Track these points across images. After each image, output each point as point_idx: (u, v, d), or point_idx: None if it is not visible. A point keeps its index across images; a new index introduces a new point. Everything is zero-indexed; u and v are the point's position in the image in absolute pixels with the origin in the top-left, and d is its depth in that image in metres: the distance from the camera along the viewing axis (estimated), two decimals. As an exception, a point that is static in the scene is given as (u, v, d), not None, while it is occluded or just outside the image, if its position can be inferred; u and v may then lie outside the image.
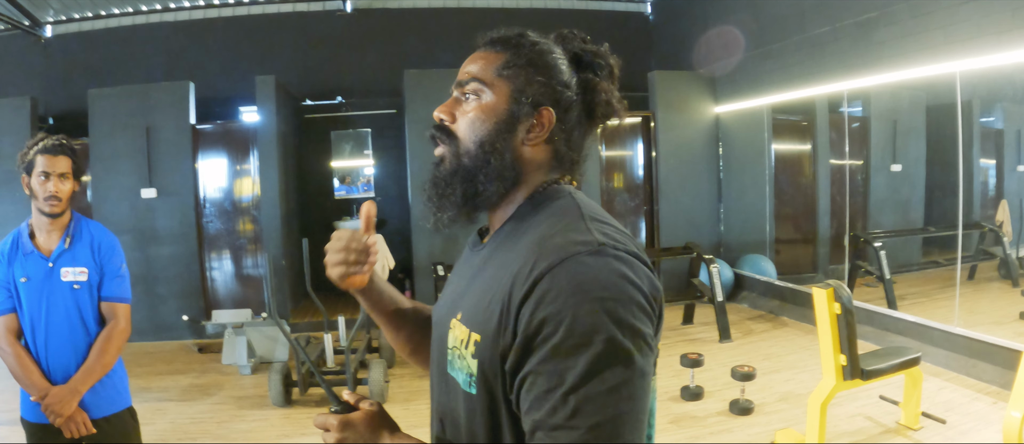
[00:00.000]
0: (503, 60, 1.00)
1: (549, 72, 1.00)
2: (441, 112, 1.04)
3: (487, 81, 1.00)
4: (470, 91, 1.01)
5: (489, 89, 1.00)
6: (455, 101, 1.04)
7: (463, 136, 1.01)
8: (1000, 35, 4.33)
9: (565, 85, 1.00)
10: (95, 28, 8.06)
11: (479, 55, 1.03)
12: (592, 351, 0.79)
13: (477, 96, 1.01)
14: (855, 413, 3.99)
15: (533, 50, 1.00)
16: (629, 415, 0.80)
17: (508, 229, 1.00)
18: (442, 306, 1.07)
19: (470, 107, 1.01)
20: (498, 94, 0.99)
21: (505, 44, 1.02)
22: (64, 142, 2.28)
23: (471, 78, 1.01)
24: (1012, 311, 5.46)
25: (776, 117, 7.27)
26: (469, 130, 1.00)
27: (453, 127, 1.02)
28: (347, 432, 0.95)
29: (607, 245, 0.86)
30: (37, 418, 2.25)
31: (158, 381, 5.29)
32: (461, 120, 1.01)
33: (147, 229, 6.55)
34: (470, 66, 1.03)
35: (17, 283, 2.25)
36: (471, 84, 1.01)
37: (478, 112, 1.00)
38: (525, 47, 1.00)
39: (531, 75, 0.99)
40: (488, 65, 1.01)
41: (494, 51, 1.02)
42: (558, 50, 1.02)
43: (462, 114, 1.01)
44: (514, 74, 0.99)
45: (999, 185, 6.50)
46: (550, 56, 1.01)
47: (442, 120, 1.04)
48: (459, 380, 0.94)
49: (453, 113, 1.03)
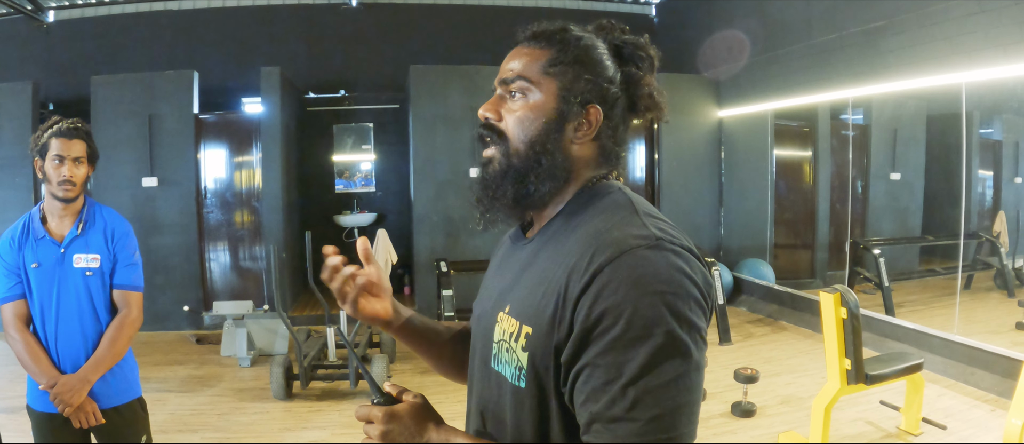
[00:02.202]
0: (549, 57, 0.98)
1: (595, 69, 0.98)
2: (487, 110, 1.02)
3: (533, 79, 0.98)
4: (516, 89, 0.99)
5: (536, 87, 0.98)
6: (500, 98, 1.02)
7: (512, 135, 0.99)
8: (1006, 47, 4.36)
9: (610, 81, 0.99)
10: (98, 14, 8.00)
11: (522, 51, 1.01)
12: (652, 344, 0.79)
13: (524, 94, 0.99)
14: (857, 417, 4.01)
15: (579, 46, 0.99)
16: (686, 407, 0.81)
17: (558, 224, 0.99)
18: (486, 300, 1.07)
19: (517, 106, 0.99)
20: (546, 92, 0.98)
21: (549, 40, 1.00)
22: (79, 126, 2.25)
23: (517, 76, 0.99)
24: (1008, 321, 5.49)
25: (778, 123, 7.29)
26: (518, 129, 0.99)
27: (501, 125, 1.01)
28: (393, 424, 0.93)
29: (664, 240, 0.86)
30: (44, 407, 2.21)
31: (157, 371, 5.28)
32: (508, 118, 1.00)
33: (147, 218, 6.52)
34: (513, 63, 1.01)
35: (28, 269, 2.22)
36: (517, 82, 0.99)
37: (526, 111, 0.98)
38: (571, 43, 0.99)
39: (578, 72, 0.98)
40: (533, 62, 0.99)
41: (538, 47, 1.00)
42: (601, 44, 1.01)
43: (509, 112, 1.00)
44: (561, 72, 0.98)
45: (997, 196, 6.54)
46: (595, 52, 0.99)
47: (489, 119, 1.02)
48: (506, 374, 0.94)
49: (499, 111, 1.01)
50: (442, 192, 6.99)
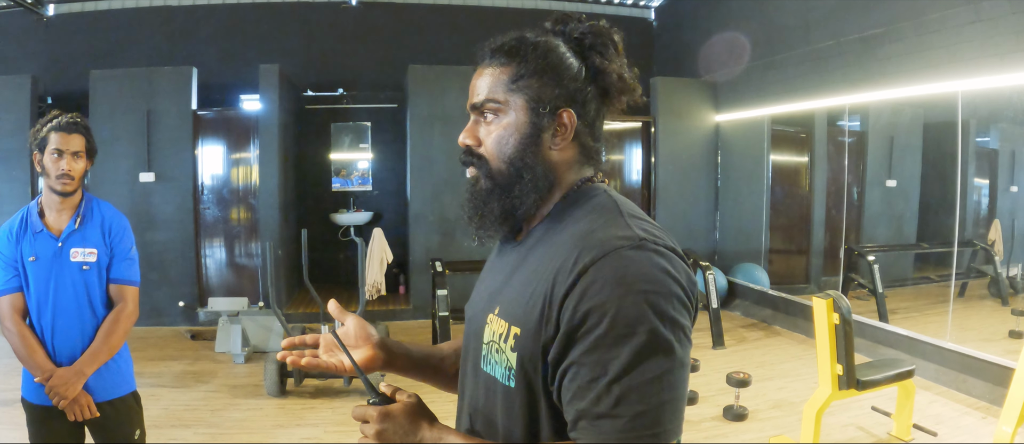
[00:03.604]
0: (511, 73, 0.99)
1: (559, 72, 0.99)
2: (466, 138, 1.03)
3: (501, 99, 0.99)
4: (488, 111, 1.01)
5: (505, 106, 0.99)
6: (475, 123, 1.03)
7: (492, 157, 1.01)
8: (1003, 57, 4.38)
9: (576, 79, 0.99)
10: (98, 8, 7.99)
11: (485, 71, 1.02)
12: (635, 342, 0.81)
13: (496, 115, 1.00)
14: (848, 423, 4.03)
15: (538, 54, 0.99)
16: (670, 404, 0.82)
17: (545, 226, 1.01)
18: (476, 303, 1.08)
19: (492, 128, 1.01)
20: (516, 109, 0.99)
21: (509, 54, 1.00)
22: (78, 120, 2.26)
23: (485, 99, 1.00)
24: (1002, 329, 5.51)
25: (775, 128, 7.31)
26: (496, 149, 1.00)
27: (481, 150, 1.02)
28: (387, 423, 0.95)
29: (648, 240, 0.88)
30: (39, 400, 2.23)
31: (151, 367, 5.28)
32: (487, 141, 1.01)
33: (144, 213, 6.53)
34: (479, 85, 1.02)
35: (25, 262, 2.23)
36: (487, 105, 1.00)
37: (500, 131, 1.00)
38: (529, 53, 0.99)
39: (543, 81, 0.98)
40: (497, 81, 1.00)
41: (499, 64, 1.01)
42: (561, 44, 1.01)
43: (486, 135, 1.01)
44: (526, 85, 0.98)
45: (992, 204, 6.56)
46: (555, 55, 0.99)
47: (468, 146, 1.03)
48: (496, 374, 0.96)
49: (477, 136, 1.03)
50: (438, 192, 7.01)
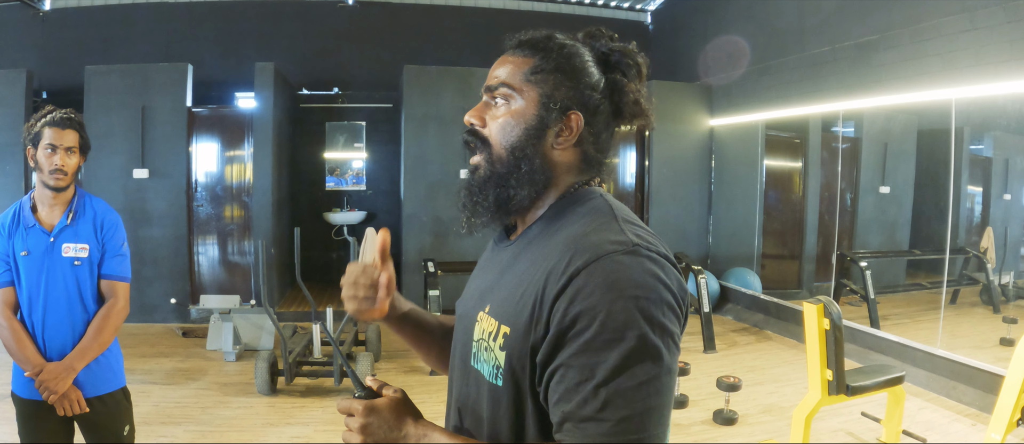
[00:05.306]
0: (531, 65, 1.01)
1: (577, 76, 1.00)
2: (472, 116, 1.04)
3: (516, 86, 1.01)
4: (500, 95, 1.02)
5: (518, 94, 1.00)
6: (485, 105, 1.05)
7: (495, 141, 1.02)
8: (997, 65, 4.41)
9: (593, 88, 1.01)
10: (94, 3, 7.97)
11: (508, 59, 1.04)
12: (624, 346, 0.81)
13: (506, 101, 1.01)
14: (837, 428, 4.05)
15: (561, 54, 1.01)
16: (656, 410, 0.83)
17: (539, 227, 1.01)
18: (468, 300, 1.09)
19: (500, 112, 1.02)
20: (527, 99, 1.00)
21: (533, 48, 1.02)
22: (72, 116, 2.27)
23: (501, 83, 1.02)
24: (993, 336, 5.54)
25: (769, 133, 7.34)
26: (500, 135, 1.01)
27: (485, 132, 1.03)
28: (372, 417, 0.95)
29: (641, 246, 0.88)
30: (29, 394, 2.23)
31: (142, 363, 5.26)
32: (491, 125, 1.02)
33: (137, 209, 6.50)
34: (499, 70, 1.03)
35: (17, 257, 2.23)
36: (501, 89, 1.02)
37: (508, 117, 1.01)
38: (553, 51, 1.01)
39: (559, 80, 1.00)
40: (517, 70, 1.01)
41: (522, 55, 1.02)
42: (586, 52, 1.03)
43: (492, 119, 1.03)
44: (542, 79, 1.00)
45: (985, 212, 6.60)
46: (578, 59, 1.01)
47: (473, 124, 1.04)
48: (484, 372, 0.96)
49: (483, 117, 1.04)
50: (432, 192, 7.01)
